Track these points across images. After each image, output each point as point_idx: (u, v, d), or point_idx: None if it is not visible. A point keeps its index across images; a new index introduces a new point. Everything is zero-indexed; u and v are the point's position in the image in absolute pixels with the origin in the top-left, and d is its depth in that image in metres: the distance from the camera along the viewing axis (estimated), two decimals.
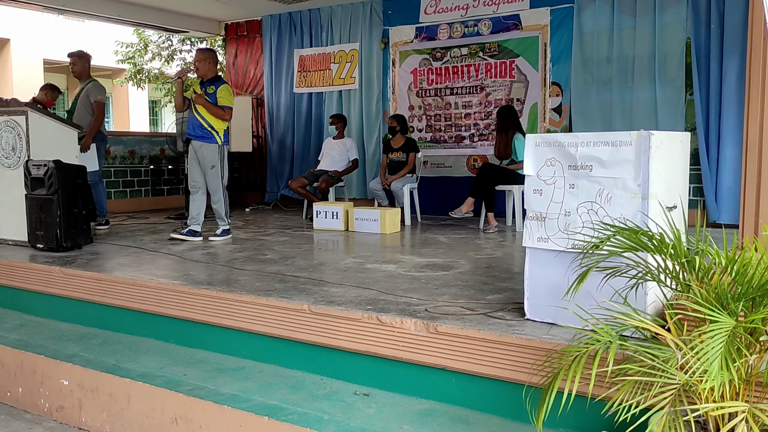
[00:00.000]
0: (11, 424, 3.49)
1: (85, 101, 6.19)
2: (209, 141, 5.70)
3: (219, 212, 5.83)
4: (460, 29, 7.85)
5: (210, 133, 5.69)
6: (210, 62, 5.81)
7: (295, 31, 9.36)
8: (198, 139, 5.72)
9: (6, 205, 5.58)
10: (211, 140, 5.70)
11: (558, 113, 7.29)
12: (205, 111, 5.66)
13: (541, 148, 2.85)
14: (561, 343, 2.53)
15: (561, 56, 7.20)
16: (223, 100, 5.68)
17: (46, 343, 3.88)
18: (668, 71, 6.61)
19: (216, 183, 5.74)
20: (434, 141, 8.17)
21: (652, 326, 2.04)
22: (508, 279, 3.97)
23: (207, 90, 5.71)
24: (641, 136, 2.58)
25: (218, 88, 5.69)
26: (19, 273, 4.71)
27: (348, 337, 3.13)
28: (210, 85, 5.75)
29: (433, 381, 2.90)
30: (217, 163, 5.72)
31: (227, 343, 3.59)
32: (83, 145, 6.56)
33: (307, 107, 9.32)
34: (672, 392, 1.88)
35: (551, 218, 2.83)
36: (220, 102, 5.67)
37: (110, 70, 17.59)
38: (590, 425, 2.40)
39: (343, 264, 4.60)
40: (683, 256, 2.08)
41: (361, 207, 6.81)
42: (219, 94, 5.67)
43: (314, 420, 2.69)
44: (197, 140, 5.73)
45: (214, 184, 5.75)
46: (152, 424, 3.10)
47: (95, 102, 6.32)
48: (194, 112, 5.72)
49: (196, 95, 5.71)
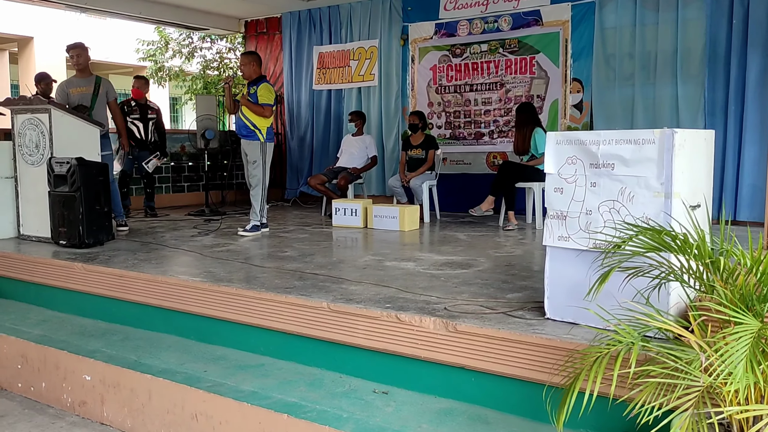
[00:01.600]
0: (35, 418, 3.54)
1: (104, 99, 6.20)
2: (252, 138, 6.00)
3: (255, 207, 6.05)
4: (479, 25, 7.80)
5: (253, 132, 5.98)
6: (254, 65, 6.12)
7: (315, 27, 9.37)
8: (243, 137, 6.06)
9: (30, 201, 5.66)
10: (254, 138, 5.99)
11: (579, 110, 7.22)
12: (248, 110, 5.94)
13: (562, 146, 2.83)
14: (582, 343, 2.51)
15: (582, 52, 7.13)
16: (263, 98, 5.95)
17: (68, 339, 3.93)
18: (690, 67, 6.52)
19: (257, 177, 6.02)
20: (453, 138, 8.14)
21: (675, 327, 2.02)
22: (528, 277, 3.94)
23: (250, 90, 6.02)
24: (664, 134, 2.55)
25: (258, 87, 5.97)
26: (43, 269, 4.77)
27: (367, 335, 3.13)
28: (253, 85, 6.05)
29: (452, 380, 2.89)
30: (259, 159, 6.00)
31: (247, 340, 3.61)
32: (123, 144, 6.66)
33: (327, 104, 9.33)
34: (695, 394, 1.86)
35: (572, 217, 2.81)
36: (261, 100, 5.94)
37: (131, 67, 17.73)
38: (611, 427, 2.38)
39: (362, 261, 4.60)
40: (707, 257, 2.05)
41: (380, 204, 6.80)
42: (259, 93, 5.94)
43: (333, 418, 2.69)
44: (243, 138, 6.06)
45: (254, 178, 6.04)
46: (173, 420, 3.12)
47: (113, 100, 6.34)
48: (240, 114, 6.04)
49: (242, 97, 6.05)
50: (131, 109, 7.81)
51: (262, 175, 6.02)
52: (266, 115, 5.98)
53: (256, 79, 6.09)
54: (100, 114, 6.11)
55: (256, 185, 6.04)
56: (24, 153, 5.62)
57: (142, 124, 7.85)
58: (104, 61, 16.38)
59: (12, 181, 5.75)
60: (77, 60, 6.14)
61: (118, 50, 16.49)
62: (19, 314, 4.54)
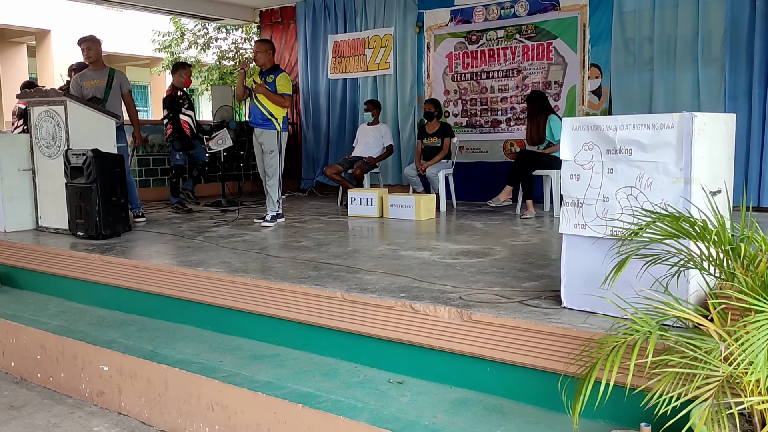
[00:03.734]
0: (54, 408, 3.57)
1: (117, 91, 6.21)
2: (269, 128, 5.94)
3: (272, 197, 6.02)
4: (496, 11, 7.71)
5: (270, 121, 5.93)
6: (270, 53, 6.07)
7: (330, 16, 9.32)
8: (259, 126, 5.98)
9: (48, 193, 5.70)
10: (270, 127, 5.94)
11: (597, 96, 7.12)
12: (266, 99, 5.88)
13: (579, 132, 2.78)
14: (599, 332, 2.46)
15: (600, 37, 7.01)
16: (282, 88, 5.91)
17: (86, 330, 3.96)
18: (711, 51, 6.40)
19: (274, 167, 5.97)
20: (470, 126, 8.07)
21: (694, 316, 1.97)
22: (545, 266, 3.90)
23: (266, 79, 5.96)
24: (684, 118, 2.48)
25: (277, 77, 5.92)
26: (61, 260, 4.81)
27: (382, 324, 3.11)
28: (269, 74, 5.97)
29: (468, 369, 2.87)
30: (276, 148, 5.95)
31: (262, 330, 3.61)
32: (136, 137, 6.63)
33: (342, 93, 9.29)
34: (715, 384, 1.82)
35: (589, 204, 2.76)
36: (280, 90, 5.90)
37: (148, 59, 17.82)
38: (628, 417, 2.34)
39: (377, 251, 4.58)
40: (728, 243, 2.00)
41: (395, 193, 6.77)
42: (278, 83, 5.90)
43: (348, 408, 2.68)
44: (258, 127, 6.01)
45: (271, 168, 5.99)
46: (189, 410, 3.13)
47: (128, 92, 6.34)
48: (255, 101, 5.97)
49: (256, 85, 5.95)
50: (182, 100, 7.60)
51: (278, 165, 5.98)
52: (286, 105, 5.96)
53: (272, 68, 6.05)
54: (114, 106, 6.12)
55: (273, 175, 6.00)
56: (41, 145, 5.66)
57: (193, 113, 7.76)
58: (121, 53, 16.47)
59: (30, 173, 5.80)
60: (88, 53, 6.15)
61: (135, 42, 16.55)
62: (38, 305, 4.58)
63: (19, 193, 5.78)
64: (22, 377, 4.05)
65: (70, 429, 3.30)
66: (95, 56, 6.16)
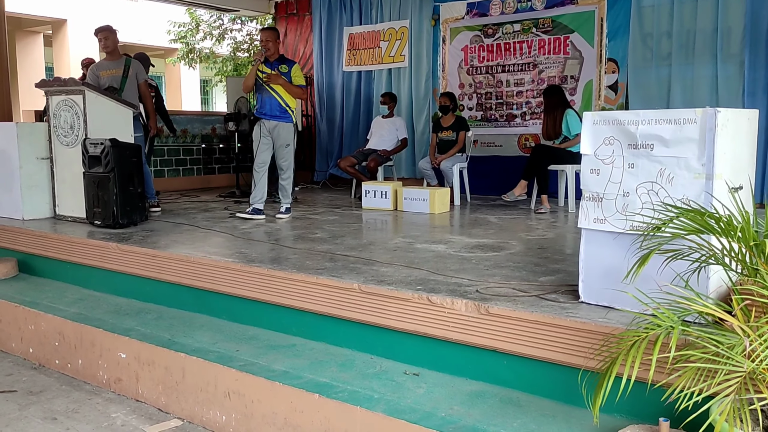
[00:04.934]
0: (72, 394, 3.61)
1: (134, 81, 6.24)
2: (287, 120, 5.82)
3: (287, 190, 5.92)
4: (512, 4, 7.67)
5: (287, 113, 5.81)
6: (279, 41, 5.94)
7: (345, 8, 9.31)
8: (275, 119, 5.79)
9: (65, 182, 5.75)
10: (288, 119, 5.82)
11: (614, 91, 7.08)
12: (284, 91, 5.74)
13: (600, 127, 2.76)
14: (618, 327, 2.46)
15: (618, 31, 6.97)
16: (299, 78, 5.80)
17: (104, 317, 3.99)
18: (730, 46, 6.34)
19: (289, 161, 5.87)
20: (485, 120, 8.05)
21: (717, 311, 1.96)
22: (561, 261, 3.89)
23: (280, 69, 5.77)
24: (707, 113, 2.47)
25: (292, 68, 5.79)
26: (78, 249, 4.85)
27: (398, 316, 3.12)
28: (281, 64, 5.81)
29: (484, 362, 2.87)
30: (292, 141, 5.86)
31: (278, 320, 3.62)
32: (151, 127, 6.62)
33: (357, 86, 9.29)
34: (737, 380, 1.81)
35: (609, 199, 2.75)
36: (296, 81, 5.78)
37: (163, 49, 17.86)
38: (648, 412, 2.34)
39: (393, 243, 4.59)
40: (752, 239, 1.99)
41: (410, 186, 6.77)
42: (294, 74, 5.77)
43: (364, 398, 2.70)
44: (274, 120, 5.79)
45: (287, 162, 5.86)
46: (206, 398, 3.16)
47: (143, 82, 6.36)
48: (271, 92, 5.76)
49: (272, 75, 5.72)
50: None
51: (292, 158, 5.90)
52: (303, 96, 5.88)
53: (280, 57, 5.89)
54: (131, 95, 6.14)
55: (287, 168, 5.89)
56: (59, 134, 5.70)
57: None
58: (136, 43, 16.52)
59: (48, 162, 5.84)
60: (105, 43, 6.16)
61: (150, 32, 16.60)
62: (56, 293, 4.63)
63: (37, 181, 5.82)
64: (40, 363, 4.09)
65: (88, 414, 3.33)
66: (112, 46, 6.18)
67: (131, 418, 3.30)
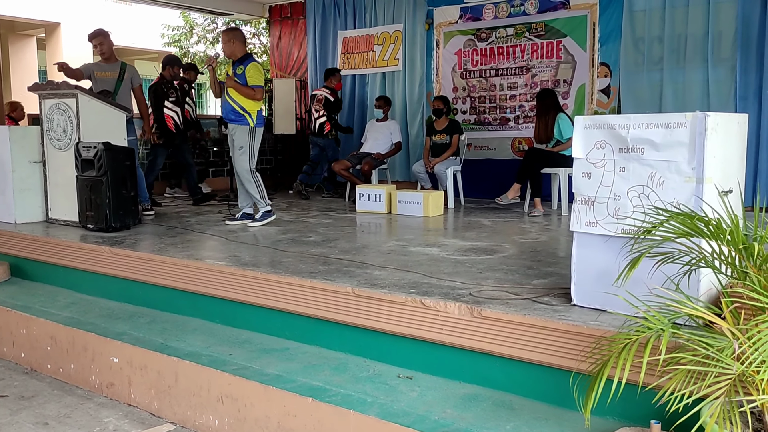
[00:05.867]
0: (64, 399, 3.60)
1: (128, 85, 6.23)
2: (241, 123, 5.51)
3: (254, 195, 5.61)
4: (505, 9, 7.70)
5: (242, 116, 5.49)
6: (235, 42, 5.58)
7: (339, 12, 9.33)
8: (231, 122, 5.58)
9: (58, 185, 5.73)
10: (243, 122, 5.51)
11: (606, 95, 7.11)
12: (236, 93, 5.47)
13: (591, 130, 2.78)
14: (609, 330, 2.47)
15: (610, 36, 7.00)
16: (253, 79, 5.45)
17: (96, 321, 3.98)
18: (722, 50, 6.38)
19: (242, 165, 5.53)
20: (478, 123, 8.07)
21: (707, 314, 1.98)
22: (554, 264, 3.90)
23: (236, 71, 5.51)
24: (696, 117, 2.49)
25: (246, 67, 5.46)
26: (71, 252, 4.84)
27: (391, 320, 3.13)
28: (239, 65, 5.53)
29: (477, 365, 2.88)
30: (246, 144, 5.52)
31: (271, 324, 3.62)
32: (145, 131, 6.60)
33: (351, 89, 9.30)
34: (727, 382, 1.82)
35: (600, 202, 2.76)
36: (250, 81, 5.44)
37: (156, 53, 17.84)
38: (639, 414, 2.35)
39: (386, 247, 4.59)
40: (741, 243, 2.00)
41: (404, 190, 6.78)
42: (248, 74, 5.45)
43: (358, 402, 2.70)
44: (231, 123, 5.58)
45: (240, 165, 5.54)
46: (199, 402, 3.15)
47: (138, 87, 6.36)
48: (226, 96, 5.54)
49: (227, 78, 5.56)
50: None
51: (248, 162, 5.52)
52: (257, 97, 5.47)
53: (242, 57, 5.55)
54: (124, 100, 6.14)
55: (241, 172, 5.54)
56: (52, 138, 5.69)
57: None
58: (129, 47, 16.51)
59: (40, 165, 5.82)
60: (101, 48, 6.17)
61: (144, 36, 16.58)
62: (48, 297, 4.61)
63: (30, 185, 5.80)
64: (32, 368, 4.08)
65: (80, 419, 3.32)
66: (108, 51, 6.19)
67: (123, 422, 3.29)
